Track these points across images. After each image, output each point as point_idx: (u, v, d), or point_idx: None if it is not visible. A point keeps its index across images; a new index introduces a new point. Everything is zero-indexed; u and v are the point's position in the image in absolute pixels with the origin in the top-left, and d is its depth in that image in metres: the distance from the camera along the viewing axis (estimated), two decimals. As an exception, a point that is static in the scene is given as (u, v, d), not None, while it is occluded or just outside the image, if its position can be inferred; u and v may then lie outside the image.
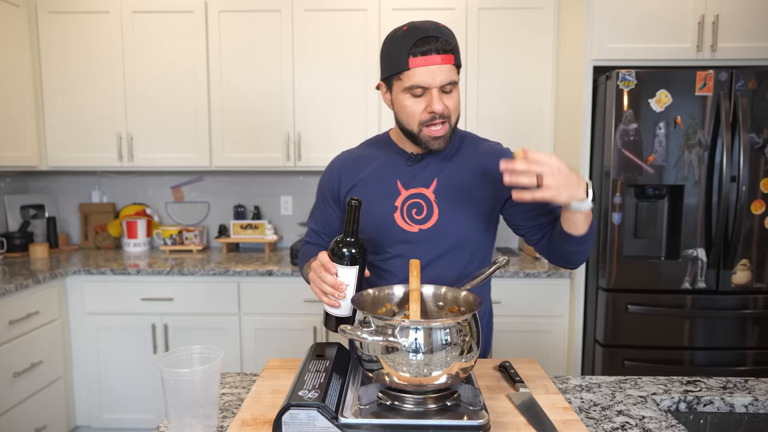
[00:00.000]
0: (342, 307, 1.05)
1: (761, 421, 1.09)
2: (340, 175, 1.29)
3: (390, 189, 1.22)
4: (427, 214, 1.21)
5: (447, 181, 1.21)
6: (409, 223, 1.21)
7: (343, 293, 1.03)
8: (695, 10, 2.23)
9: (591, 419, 0.99)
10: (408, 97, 1.12)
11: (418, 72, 1.08)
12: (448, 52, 1.08)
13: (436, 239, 1.21)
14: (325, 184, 1.32)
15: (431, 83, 1.09)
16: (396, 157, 1.26)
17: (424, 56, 1.07)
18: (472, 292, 1.04)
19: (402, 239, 1.22)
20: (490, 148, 1.27)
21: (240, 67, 2.72)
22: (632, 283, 2.22)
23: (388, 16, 2.64)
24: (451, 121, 1.15)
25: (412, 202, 1.21)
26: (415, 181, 1.22)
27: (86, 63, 2.73)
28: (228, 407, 1.04)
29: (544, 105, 2.69)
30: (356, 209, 1.02)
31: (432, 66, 1.08)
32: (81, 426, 2.64)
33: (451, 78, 1.10)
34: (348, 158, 1.31)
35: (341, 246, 1.03)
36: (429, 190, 1.21)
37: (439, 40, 1.08)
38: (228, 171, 3.04)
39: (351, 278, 1.04)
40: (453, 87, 1.12)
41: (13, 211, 2.98)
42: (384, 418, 0.88)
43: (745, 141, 2.10)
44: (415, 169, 1.23)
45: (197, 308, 2.53)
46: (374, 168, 1.26)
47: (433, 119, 1.12)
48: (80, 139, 2.78)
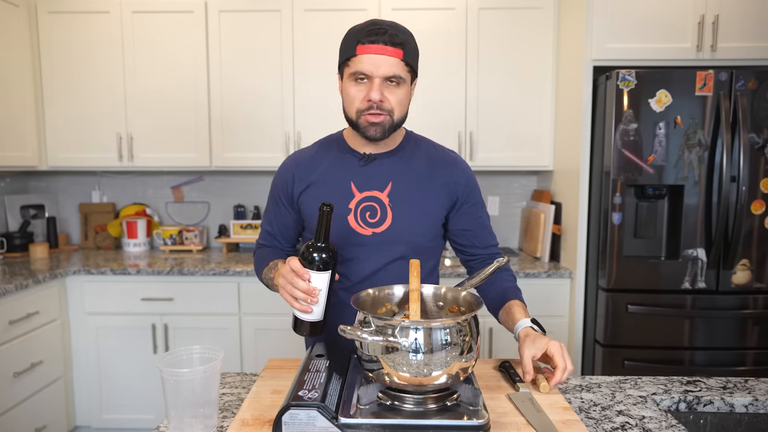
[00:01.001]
0: (314, 312, 1.03)
1: (761, 421, 1.09)
2: (294, 175, 1.27)
3: (344, 191, 1.21)
4: (380, 217, 1.20)
5: (401, 185, 1.21)
6: (363, 227, 1.20)
7: (316, 299, 1.02)
8: (695, 10, 2.23)
9: (591, 419, 0.99)
10: (352, 84, 1.14)
11: (363, 59, 1.10)
12: (396, 46, 1.10)
13: (389, 243, 1.20)
14: (279, 184, 1.30)
15: (374, 72, 1.10)
16: (348, 157, 1.25)
17: (372, 45, 1.09)
18: (472, 293, 1.04)
19: (355, 242, 1.21)
20: (445, 154, 1.29)
21: (240, 67, 2.72)
22: (632, 283, 2.22)
23: (388, 16, 2.64)
24: (393, 116, 1.15)
25: (366, 205, 1.21)
26: (369, 183, 1.21)
27: (86, 63, 2.73)
28: (228, 407, 1.04)
29: (544, 105, 2.69)
30: (328, 214, 1.01)
31: (377, 55, 1.09)
32: (81, 426, 2.64)
33: (396, 71, 1.11)
34: (301, 158, 1.29)
35: (312, 251, 1.01)
36: (383, 194, 1.21)
37: (389, 33, 1.10)
38: (228, 171, 3.04)
39: (323, 283, 1.02)
40: (400, 82, 1.13)
41: (13, 211, 2.98)
42: (384, 418, 0.88)
43: (745, 141, 2.10)
44: (368, 171, 1.22)
45: (197, 308, 2.53)
46: (327, 168, 1.25)
47: (371, 108, 1.12)
48: (80, 139, 2.78)
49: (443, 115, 2.69)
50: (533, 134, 2.71)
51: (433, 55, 2.66)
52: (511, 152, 2.71)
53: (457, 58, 2.67)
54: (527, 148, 2.73)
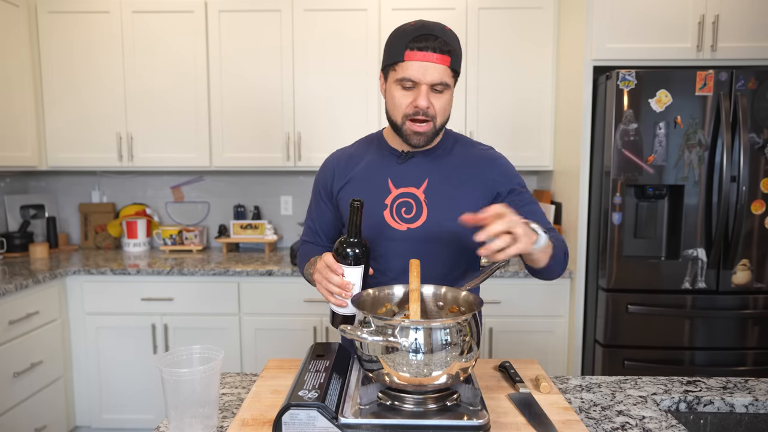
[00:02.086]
0: (349, 306, 1.07)
1: (761, 421, 1.09)
2: (334, 172, 1.30)
3: (381, 187, 1.24)
4: (416, 213, 1.22)
5: (437, 182, 1.22)
6: (398, 222, 1.22)
7: (350, 293, 1.05)
8: (695, 10, 2.23)
9: (591, 419, 0.99)
10: (398, 89, 1.14)
11: (411, 65, 1.10)
12: (445, 53, 1.10)
13: (423, 239, 1.21)
14: (320, 182, 1.33)
15: (422, 79, 1.10)
16: (387, 154, 1.27)
17: (421, 51, 1.09)
18: (472, 293, 1.04)
19: (390, 237, 1.22)
20: (482, 152, 1.28)
21: (240, 67, 2.72)
22: (632, 283, 2.22)
23: (388, 16, 2.64)
24: (436, 122, 1.16)
25: (402, 201, 1.22)
26: (406, 180, 1.23)
27: (86, 63, 2.73)
28: (228, 407, 1.04)
29: (544, 105, 2.69)
30: (358, 210, 1.04)
31: (426, 62, 1.09)
32: (81, 426, 2.64)
33: (443, 79, 1.11)
34: (341, 156, 1.33)
35: (345, 246, 1.05)
36: (419, 190, 1.22)
37: (438, 40, 1.09)
38: (228, 171, 3.04)
39: (356, 277, 1.05)
40: (444, 89, 1.13)
41: (13, 211, 2.98)
42: (384, 418, 0.88)
43: (745, 141, 2.10)
44: (406, 168, 1.24)
45: (197, 308, 2.53)
46: (365, 165, 1.27)
47: (417, 114, 1.13)
48: (80, 139, 2.78)
49: (443, 115, 2.69)
50: (533, 134, 2.71)
51: (433, 55, 2.65)
52: (511, 152, 2.70)
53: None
54: (527, 148, 2.73)
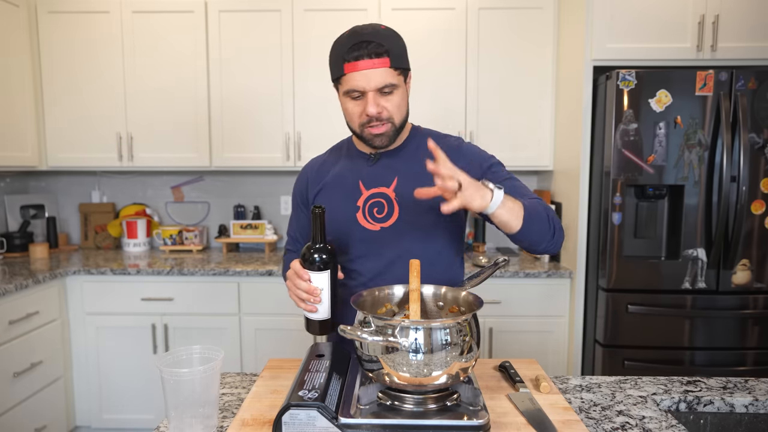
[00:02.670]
0: (319, 311, 1.08)
1: (761, 421, 1.08)
2: (308, 180, 1.34)
3: (352, 190, 1.25)
4: (388, 212, 1.23)
5: (407, 180, 1.23)
6: (371, 222, 1.23)
7: (318, 297, 1.07)
8: (695, 10, 2.23)
9: (591, 419, 0.99)
10: (348, 100, 1.16)
11: (352, 77, 1.12)
12: (381, 56, 1.10)
13: (398, 237, 1.22)
14: (297, 191, 1.37)
15: (366, 86, 1.12)
16: (357, 158, 1.29)
17: (356, 61, 1.10)
18: (472, 293, 1.04)
19: (365, 238, 1.24)
20: (448, 143, 1.28)
21: (240, 67, 2.72)
22: (632, 283, 2.22)
23: (388, 15, 2.64)
24: (394, 121, 1.17)
25: (374, 201, 1.23)
26: (376, 180, 1.24)
27: (86, 63, 2.73)
28: (228, 407, 1.04)
29: (544, 105, 2.69)
30: (320, 216, 1.07)
31: (364, 70, 1.10)
32: (81, 426, 2.64)
33: (387, 80, 1.12)
34: (315, 164, 1.36)
35: (311, 252, 1.07)
36: (389, 189, 1.23)
37: (371, 44, 1.10)
38: (228, 171, 3.04)
39: (324, 282, 1.07)
40: (393, 89, 1.14)
41: (13, 211, 2.98)
42: (384, 418, 0.88)
43: (745, 141, 2.10)
44: (375, 169, 1.26)
45: (197, 308, 2.53)
46: (337, 171, 1.30)
47: (370, 121, 1.15)
48: (80, 139, 2.78)
49: (443, 115, 2.69)
50: (533, 134, 2.71)
51: (433, 55, 2.66)
52: (511, 152, 2.71)
53: (457, 58, 2.67)
54: (527, 148, 2.73)
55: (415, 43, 2.66)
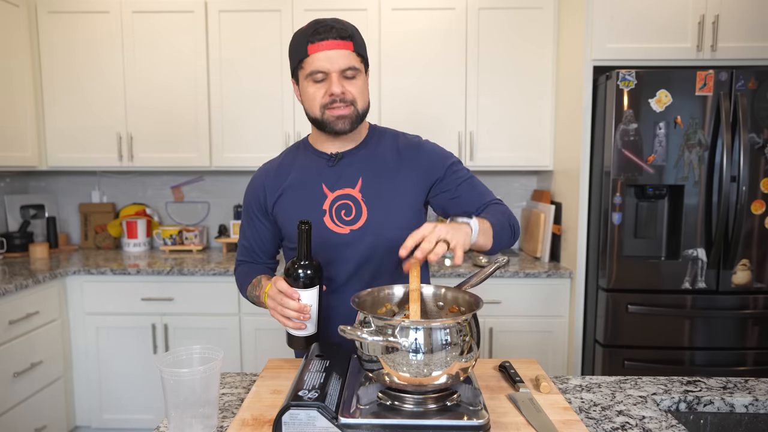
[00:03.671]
0: (308, 327, 1.07)
1: (761, 422, 1.08)
2: (264, 187, 1.28)
3: (316, 193, 1.22)
4: (356, 214, 1.20)
5: (372, 179, 1.22)
6: (339, 225, 1.20)
7: (308, 315, 1.05)
8: (695, 10, 2.23)
9: (591, 419, 0.99)
10: (310, 84, 1.16)
11: (316, 57, 1.12)
12: (345, 39, 1.13)
13: (368, 238, 1.20)
14: (251, 199, 1.30)
15: (330, 67, 1.12)
16: (316, 159, 1.26)
17: (321, 42, 1.12)
18: (472, 293, 1.04)
19: (334, 242, 1.21)
20: (409, 141, 1.28)
21: (240, 67, 2.72)
22: (632, 283, 2.22)
23: (388, 15, 2.64)
24: (357, 106, 1.17)
25: (341, 203, 1.21)
26: (340, 181, 1.22)
27: (87, 63, 2.73)
28: (228, 407, 1.04)
29: (544, 105, 2.69)
30: (307, 232, 1.04)
31: (329, 51, 1.12)
32: (81, 426, 2.64)
33: (351, 63, 1.13)
34: (269, 169, 1.30)
35: (297, 269, 1.04)
36: (355, 190, 1.21)
37: (335, 28, 1.12)
38: (228, 171, 3.04)
39: (312, 299, 1.06)
40: (356, 74, 1.15)
41: (13, 211, 2.98)
42: (384, 418, 0.88)
43: (745, 141, 2.10)
44: (338, 170, 1.23)
45: (197, 308, 2.53)
46: (297, 174, 1.26)
47: (334, 101, 1.15)
48: (80, 139, 2.78)
49: (443, 115, 2.69)
50: (533, 134, 2.71)
51: (434, 55, 2.66)
52: (511, 152, 2.71)
53: (457, 58, 2.67)
54: (527, 148, 2.73)
55: (415, 43, 2.66)
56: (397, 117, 2.68)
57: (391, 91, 2.69)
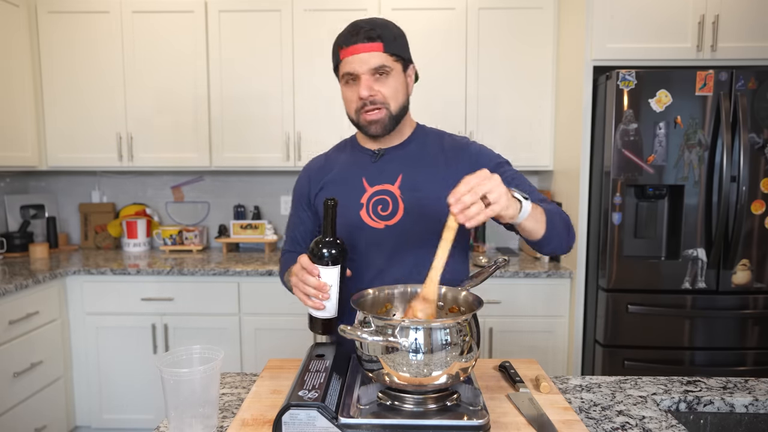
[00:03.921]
0: (327, 308, 1.05)
1: (761, 422, 1.08)
2: (309, 179, 1.32)
3: (356, 186, 1.24)
4: (392, 210, 1.21)
5: (412, 177, 1.22)
6: (375, 220, 1.22)
7: (327, 294, 1.03)
8: (695, 10, 2.23)
9: (591, 419, 0.99)
10: (345, 87, 1.19)
11: (346, 61, 1.15)
12: (373, 40, 1.13)
13: (403, 235, 1.21)
14: (298, 191, 1.35)
15: (358, 69, 1.14)
16: (360, 155, 1.28)
17: (350, 46, 1.14)
18: (472, 293, 1.04)
19: (369, 236, 1.22)
20: (455, 142, 1.28)
21: (240, 66, 2.72)
22: (632, 283, 2.22)
23: (388, 16, 2.64)
24: (390, 107, 1.17)
25: (378, 198, 1.22)
26: (381, 177, 1.23)
27: (86, 63, 2.73)
28: (228, 407, 1.04)
29: (544, 105, 2.69)
30: (332, 209, 1.02)
31: (358, 54, 1.13)
32: (81, 426, 2.64)
33: (380, 62, 1.13)
34: (316, 163, 1.35)
35: (321, 247, 1.02)
36: (394, 186, 1.22)
37: (365, 30, 1.13)
38: (228, 171, 3.04)
39: (333, 278, 1.03)
40: (387, 72, 1.15)
41: (13, 211, 2.98)
42: (384, 418, 0.88)
43: (745, 141, 2.10)
44: (379, 165, 1.24)
45: (197, 308, 2.53)
46: (339, 168, 1.29)
47: (365, 105, 1.15)
48: (80, 139, 2.78)
49: (443, 115, 2.69)
50: (533, 134, 2.71)
51: (434, 55, 2.66)
52: (511, 152, 2.70)
53: (456, 58, 2.67)
54: (527, 148, 2.73)
55: (415, 43, 2.64)
56: (397, 117, 2.68)
57: (391, 91, 2.68)
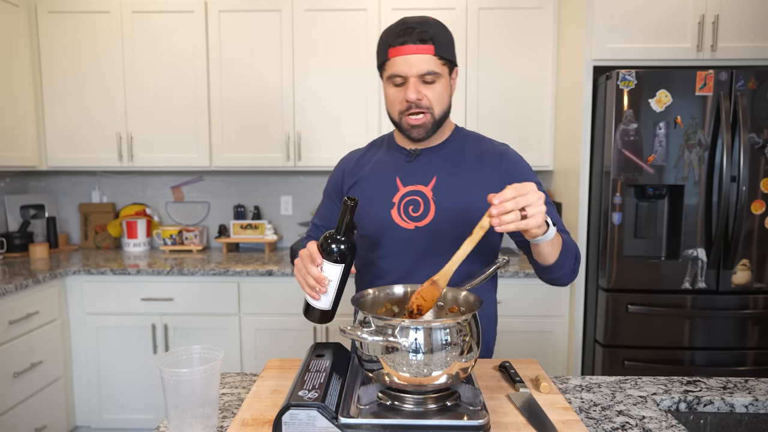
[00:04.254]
0: (322, 300, 1.05)
1: (761, 421, 1.08)
2: (344, 172, 1.32)
3: (389, 185, 1.23)
4: (423, 211, 1.21)
5: (446, 180, 1.21)
6: (406, 220, 1.21)
7: (324, 288, 1.03)
8: (695, 10, 2.23)
9: (591, 419, 0.99)
10: (390, 86, 1.16)
11: (395, 61, 1.12)
12: (426, 42, 1.11)
13: (432, 237, 1.20)
14: (331, 181, 1.35)
15: (408, 72, 1.12)
16: (396, 154, 1.27)
17: (401, 46, 1.11)
18: (472, 292, 1.04)
19: (398, 236, 1.22)
20: (493, 148, 1.27)
21: (240, 67, 2.72)
22: (632, 283, 2.22)
23: (388, 16, 2.64)
24: (434, 112, 1.16)
25: (410, 199, 1.21)
26: (415, 178, 1.23)
27: (86, 63, 2.73)
28: (228, 407, 1.04)
29: (544, 105, 2.69)
30: (351, 209, 1.01)
31: (408, 55, 1.11)
32: (81, 426, 2.64)
33: (430, 68, 1.12)
34: (353, 156, 1.34)
35: (330, 242, 1.02)
36: (427, 188, 1.21)
37: (417, 30, 1.10)
38: (228, 171, 3.04)
39: (335, 275, 1.03)
40: (435, 78, 1.14)
41: (13, 211, 2.98)
42: (384, 418, 0.88)
43: (745, 141, 2.10)
44: (414, 166, 1.24)
45: (197, 308, 2.53)
46: (374, 165, 1.28)
47: (410, 108, 1.14)
48: (80, 139, 2.78)
49: (443, 115, 2.69)
50: (533, 134, 2.71)
51: (433, 55, 2.65)
52: (511, 152, 2.70)
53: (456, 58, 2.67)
54: (527, 148, 2.72)
55: (415, 43, 2.66)
56: (397, 117, 2.69)
57: (391, 91, 2.69)
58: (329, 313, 1.08)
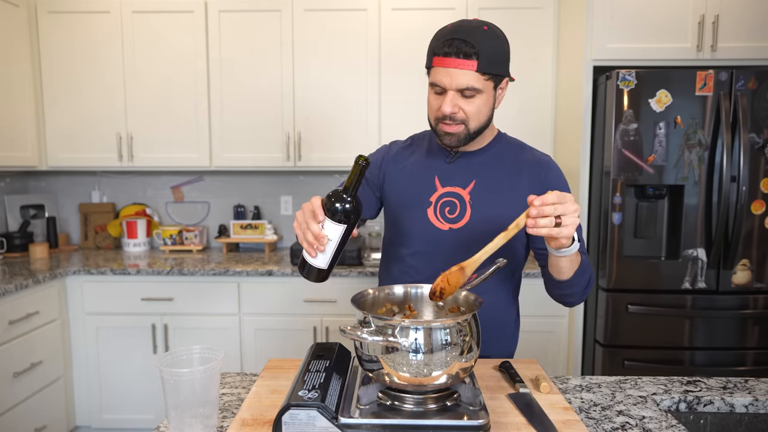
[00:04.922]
0: (319, 258, 1.01)
1: (761, 421, 1.08)
2: (384, 159, 1.32)
3: (427, 183, 1.24)
4: (459, 213, 1.21)
5: (485, 184, 1.21)
6: (441, 221, 1.22)
7: (323, 247, 0.99)
8: (695, 10, 2.23)
9: (591, 419, 0.99)
10: (431, 92, 1.17)
11: (437, 71, 1.12)
12: (469, 57, 1.08)
13: (465, 240, 1.20)
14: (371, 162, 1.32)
15: (448, 85, 1.11)
16: (437, 152, 1.27)
17: (445, 57, 1.10)
18: (472, 292, 1.04)
19: (431, 236, 1.22)
20: (534, 157, 1.26)
21: (240, 66, 2.72)
22: (632, 283, 2.22)
23: (388, 16, 2.64)
24: (469, 126, 1.15)
25: (447, 200, 1.22)
26: (454, 179, 1.23)
27: (86, 63, 2.73)
28: (228, 407, 1.04)
29: (544, 105, 2.69)
30: (363, 168, 0.97)
31: (450, 68, 1.09)
32: (81, 426, 2.64)
33: (470, 84, 1.10)
34: (396, 147, 1.35)
35: (334, 201, 0.98)
36: (465, 191, 1.21)
37: (465, 43, 1.08)
38: (228, 171, 3.04)
39: (335, 234, 0.99)
40: (474, 93, 1.12)
41: (13, 211, 2.98)
42: (384, 418, 0.88)
43: (745, 141, 2.10)
44: (454, 167, 1.24)
45: (197, 308, 2.53)
46: (414, 160, 1.28)
47: (445, 119, 1.14)
48: (80, 139, 2.78)
49: (443, 115, 2.69)
50: (533, 134, 2.71)
51: (433, 55, 2.65)
52: (511, 152, 2.71)
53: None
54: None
55: (414, 43, 2.66)
56: (397, 116, 2.69)
57: (391, 90, 2.69)
58: (324, 272, 1.04)
